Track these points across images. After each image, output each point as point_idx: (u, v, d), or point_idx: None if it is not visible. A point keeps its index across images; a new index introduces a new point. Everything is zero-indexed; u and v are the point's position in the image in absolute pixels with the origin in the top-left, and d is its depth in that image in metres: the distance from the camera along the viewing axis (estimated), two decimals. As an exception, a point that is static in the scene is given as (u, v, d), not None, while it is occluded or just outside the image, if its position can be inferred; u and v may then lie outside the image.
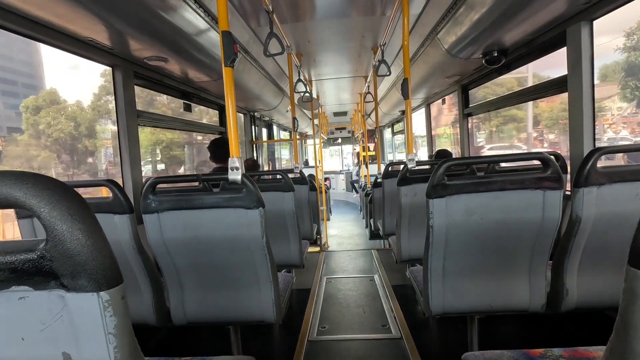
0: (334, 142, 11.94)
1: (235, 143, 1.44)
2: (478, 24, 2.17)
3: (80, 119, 17.26)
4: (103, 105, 16.58)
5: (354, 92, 6.46)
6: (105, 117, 16.60)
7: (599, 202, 1.27)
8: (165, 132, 14.63)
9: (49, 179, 0.44)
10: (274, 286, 1.48)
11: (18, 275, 0.44)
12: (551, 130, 13.11)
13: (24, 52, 35.66)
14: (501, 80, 3.28)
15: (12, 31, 1.55)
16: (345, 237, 5.82)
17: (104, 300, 0.45)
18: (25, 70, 35.67)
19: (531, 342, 1.28)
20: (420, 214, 2.18)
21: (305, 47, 3.68)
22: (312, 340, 2.21)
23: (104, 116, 14.92)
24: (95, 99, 17.48)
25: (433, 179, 1.32)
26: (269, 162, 7.43)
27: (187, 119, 3.29)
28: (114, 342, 0.47)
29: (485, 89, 4.06)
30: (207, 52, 2.38)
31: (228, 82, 1.43)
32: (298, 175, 3.05)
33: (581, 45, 1.91)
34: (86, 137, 17.54)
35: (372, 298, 2.82)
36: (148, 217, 1.39)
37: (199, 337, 2.36)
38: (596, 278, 1.39)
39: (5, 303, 0.46)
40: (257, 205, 1.33)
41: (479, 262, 1.42)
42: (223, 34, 1.40)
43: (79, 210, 0.44)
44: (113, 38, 1.87)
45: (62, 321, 0.47)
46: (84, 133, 17.44)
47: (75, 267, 0.43)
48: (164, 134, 15.38)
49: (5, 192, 0.41)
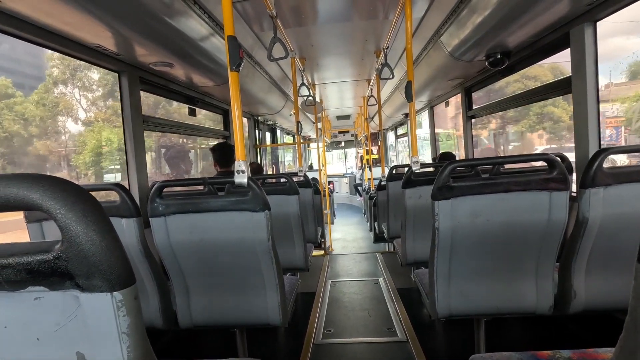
0: (337, 145, 11.95)
1: (241, 146, 1.45)
2: (481, 27, 2.18)
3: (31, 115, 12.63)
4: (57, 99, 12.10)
5: (357, 95, 6.48)
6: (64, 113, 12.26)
7: (606, 203, 1.26)
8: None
9: (65, 182, 0.45)
10: (280, 289, 1.48)
11: (34, 276, 0.45)
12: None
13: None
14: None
15: (23, 39, 1.58)
16: (349, 241, 5.81)
17: (118, 300, 0.46)
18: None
19: (538, 345, 1.28)
20: (425, 216, 2.18)
21: (309, 52, 3.70)
22: (317, 343, 2.21)
23: (62, 113, 11.31)
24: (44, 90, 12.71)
25: (438, 181, 1.32)
26: (273, 165, 7.45)
27: (191, 123, 3.32)
28: (127, 342, 0.48)
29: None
30: (211, 57, 2.40)
31: (234, 86, 1.44)
32: (302, 179, 3.06)
33: (585, 47, 1.91)
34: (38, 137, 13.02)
35: (377, 301, 2.81)
36: (155, 220, 1.40)
37: (205, 340, 2.36)
38: (604, 280, 1.38)
39: (21, 303, 0.47)
40: (263, 208, 1.34)
41: (485, 264, 1.42)
42: (229, 38, 1.41)
43: (93, 212, 0.45)
44: (120, 44, 1.90)
45: (77, 321, 0.48)
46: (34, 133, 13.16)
47: (90, 267, 0.44)
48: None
49: (23, 194, 0.42)
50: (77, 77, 10.90)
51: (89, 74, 11.00)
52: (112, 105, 11.01)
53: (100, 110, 11.59)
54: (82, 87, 11.16)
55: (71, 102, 10.95)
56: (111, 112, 10.89)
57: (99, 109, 11.42)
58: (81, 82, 10.90)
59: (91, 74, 10.99)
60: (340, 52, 3.84)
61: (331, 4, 2.58)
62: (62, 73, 10.91)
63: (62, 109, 10.56)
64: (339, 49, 3.72)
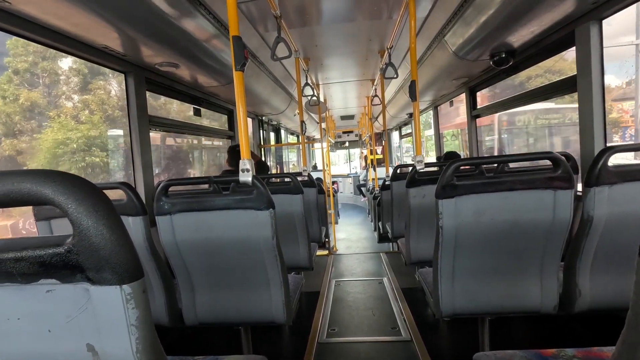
0: (342, 145, 11.95)
1: (246, 145, 1.47)
2: (485, 26, 2.17)
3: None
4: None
5: (361, 95, 6.48)
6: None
7: (611, 202, 1.26)
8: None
9: (76, 177, 0.46)
10: (284, 287, 1.49)
11: (46, 269, 0.46)
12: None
13: None
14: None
15: (33, 40, 1.61)
16: (353, 241, 5.81)
17: (127, 293, 0.47)
18: None
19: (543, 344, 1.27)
20: (429, 215, 2.18)
21: (313, 52, 3.71)
22: (321, 342, 2.22)
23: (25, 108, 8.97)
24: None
25: (442, 180, 1.32)
26: (277, 165, 7.47)
27: (196, 123, 3.35)
28: (135, 334, 0.49)
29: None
30: (216, 57, 2.42)
31: (239, 86, 1.45)
32: (306, 178, 3.07)
33: (590, 45, 1.90)
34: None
35: (382, 301, 2.81)
36: (161, 218, 1.42)
37: (210, 338, 2.38)
38: (610, 279, 1.37)
39: (34, 296, 0.49)
40: (267, 207, 1.35)
41: (489, 262, 1.42)
42: (234, 39, 1.43)
43: (103, 206, 0.46)
44: (126, 45, 1.92)
45: (87, 313, 0.49)
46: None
47: (100, 260, 0.46)
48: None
49: (36, 189, 0.43)
50: (41, 67, 9.04)
51: (58, 63, 9.19)
52: (85, 99, 9.40)
53: (72, 103, 9.60)
54: (48, 77, 9.32)
55: (33, 95, 8.88)
56: (82, 106, 9.32)
57: (72, 103, 9.57)
58: (47, 73, 9.14)
59: (60, 63, 9.19)
60: (344, 52, 3.84)
61: (335, 4, 2.59)
62: (24, 62, 8.87)
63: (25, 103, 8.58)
64: (343, 49, 3.73)
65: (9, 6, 1.38)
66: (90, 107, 9.03)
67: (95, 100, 9.19)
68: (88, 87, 9.25)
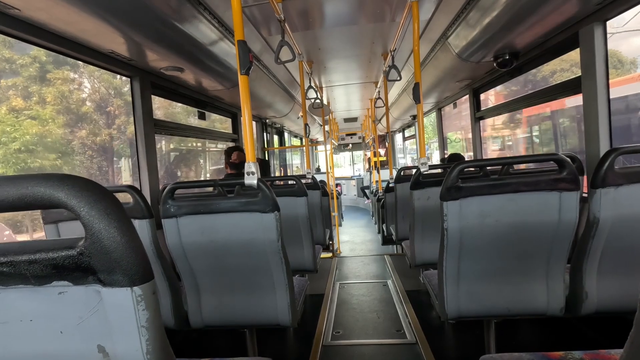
0: (345, 148, 11.96)
1: (251, 148, 1.48)
2: (488, 28, 2.17)
3: None
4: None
5: (364, 97, 6.48)
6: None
7: (617, 203, 1.25)
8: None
9: (87, 181, 0.47)
10: (290, 290, 1.50)
11: (59, 271, 0.47)
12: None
13: None
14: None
15: (42, 46, 1.64)
16: (357, 243, 5.80)
17: (137, 294, 0.48)
18: None
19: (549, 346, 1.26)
20: (433, 217, 2.18)
21: (316, 55, 3.73)
22: (326, 344, 2.21)
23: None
24: None
25: (447, 182, 1.32)
26: (281, 168, 7.49)
27: (201, 127, 3.37)
28: (146, 335, 0.49)
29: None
30: (220, 61, 2.44)
31: (244, 89, 1.47)
32: (310, 181, 3.08)
33: (594, 46, 1.90)
34: None
35: (386, 303, 2.80)
36: (167, 221, 1.43)
37: (215, 340, 2.38)
38: (617, 281, 1.36)
39: (46, 298, 0.49)
40: (272, 209, 1.35)
41: (494, 265, 1.41)
42: (239, 43, 1.44)
43: (114, 210, 0.47)
44: (132, 50, 1.95)
45: (98, 315, 0.50)
46: None
47: (111, 263, 0.46)
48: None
49: (50, 193, 0.44)
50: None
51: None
52: (41, 91, 7.93)
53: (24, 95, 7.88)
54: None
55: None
56: (38, 99, 7.83)
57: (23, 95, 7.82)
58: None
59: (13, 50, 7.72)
60: (348, 55, 3.86)
61: (338, 7, 2.61)
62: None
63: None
64: (346, 52, 3.74)
65: (19, 13, 1.41)
66: (47, 100, 7.78)
67: (53, 93, 7.83)
68: (46, 78, 7.92)
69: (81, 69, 8.69)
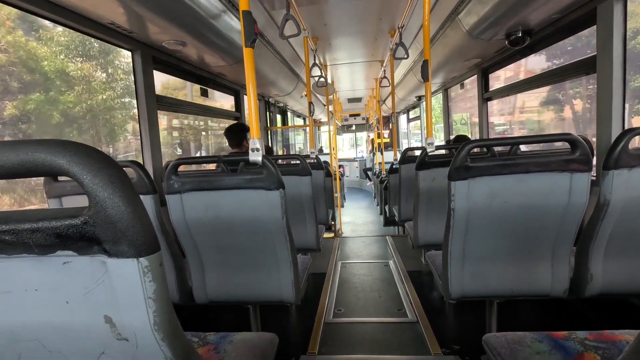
0: (348, 129, 11.85)
1: (256, 124, 1.45)
2: (501, 4, 2.08)
3: None
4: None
5: (369, 77, 6.36)
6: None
7: (629, 186, 1.23)
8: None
9: (90, 148, 0.45)
10: (294, 267, 1.50)
11: (63, 240, 0.46)
12: None
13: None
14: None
15: (40, 15, 1.58)
16: (359, 224, 5.83)
17: (144, 266, 0.47)
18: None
19: (551, 327, 1.27)
20: (438, 198, 2.16)
21: (321, 31, 3.63)
22: (328, 322, 2.25)
23: None
24: None
25: (455, 161, 1.29)
26: (284, 148, 7.45)
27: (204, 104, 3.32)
28: (153, 307, 0.49)
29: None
30: (224, 36, 2.37)
31: (249, 63, 1.42)
32: (314, 161, 3.05)
33: (613, 24, 1.82)
34: None
35: (387, 283, 2.83)
36: (171, 197, 1.42)
37: (218, 315, 2.43)
38: (623, 263, 1.36)
39: (51, 267, 0.48)
40: (277, 187, 1.34)
41: (500, 246, 1.40)
42: (244, 13, 1.38)
43: (119, 178, 0.45)
44: (133, 22, 1.89)
45: (104, 286, 0.49)
46: None
47: (117, 233, 0.45)
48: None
49: (50, 159, 0.42)
50: None
51: None
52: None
53: None
54: None
55: None
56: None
57: None
58: None
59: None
60: (354, 31, 3.75)
61: None
62: None
63: None
64: (353, 29, 3.64)
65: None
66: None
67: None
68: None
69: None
